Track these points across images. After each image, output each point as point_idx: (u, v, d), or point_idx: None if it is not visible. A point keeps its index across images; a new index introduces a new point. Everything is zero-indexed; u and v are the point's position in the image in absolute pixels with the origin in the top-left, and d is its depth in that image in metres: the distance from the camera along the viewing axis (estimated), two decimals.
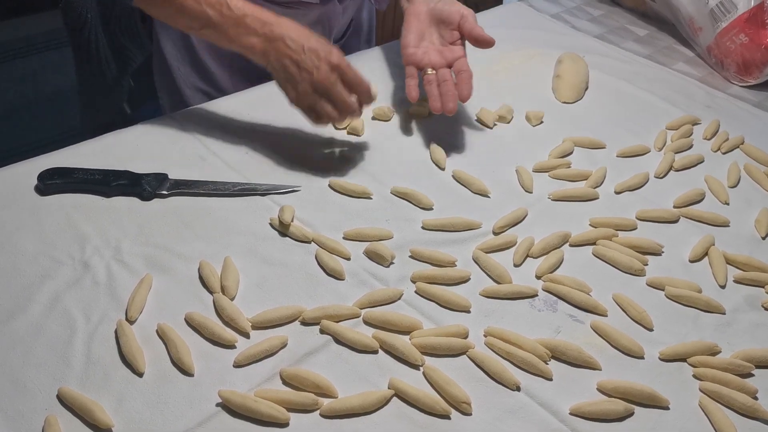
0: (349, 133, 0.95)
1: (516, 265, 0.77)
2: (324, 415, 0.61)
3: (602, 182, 0.91)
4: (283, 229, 0.78)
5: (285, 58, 0.83)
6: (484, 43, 0.94)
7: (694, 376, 0.67)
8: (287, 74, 0.84)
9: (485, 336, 0.69)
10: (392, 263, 0.76)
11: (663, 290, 0.76)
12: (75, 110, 1.73)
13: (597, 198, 0.88)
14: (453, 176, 0.90)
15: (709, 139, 1.02)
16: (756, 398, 0.66)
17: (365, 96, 0.86)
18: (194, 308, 0.69)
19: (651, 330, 0.72)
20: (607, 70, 1.16)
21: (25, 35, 1.79)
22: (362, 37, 1.23)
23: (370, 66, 1.09)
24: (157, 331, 0.66)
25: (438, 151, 0.92)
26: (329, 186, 0.86)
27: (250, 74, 1.07)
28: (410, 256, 0.77)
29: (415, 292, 0.73)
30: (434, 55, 0.95)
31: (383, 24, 2.05)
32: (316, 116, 0.85)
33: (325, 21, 1.10)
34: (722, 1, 1.17)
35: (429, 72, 0.93)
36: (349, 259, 0.76)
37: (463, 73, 0.93)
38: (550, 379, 0.66)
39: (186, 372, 0.63)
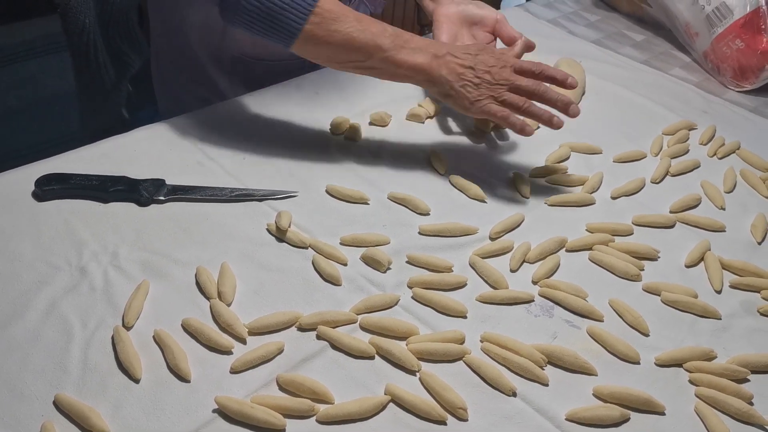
0: (347, 138, 0.95)
1: (512, 271, 0.78)
2: (320, 421, 0.61)
3: (599, 187, 0.91)
4: (280, 234, 0.79)
5: (458, 66, 0.84)
6: (528, 47, 0.95)
7: (690, 382, 0.68)
8: (463, 81, 0.84)
9: (482, 341, 0.69)
10: (389, 269, 0.76)
11: (659, 295, 0.76)
12: (73, 115, 1.73)
13: (593, 203, 0.89)
14: (450, 182, 0.90)
15: (705, 145, 1.02)
16: (751, 404, 0.66)
17: (562, 83, 0.86)
18: (191, 314, 0.69)
19: (647, 335, 0.72)
20: (603, 76, 1.16)
21: (24, 40, 1.80)
22: None
23: None
24: (153, 337, 0.66)
25: (438, 156, 0.93)
26: (326, 191, 0.86)
27: (249, 80, 1.07)
28: (407, 262, 0.77)
29: (412, 297, 0.73)
30: None
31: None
32: (496, 111, 0.84)
33: None
34: (718, 7, 1.17)
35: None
36: (345, 264, 0.76)
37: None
38: (547, 385, 0.66)
39: (182, 378, 0.63)
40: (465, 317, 0.72)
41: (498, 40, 1.02)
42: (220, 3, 0.84)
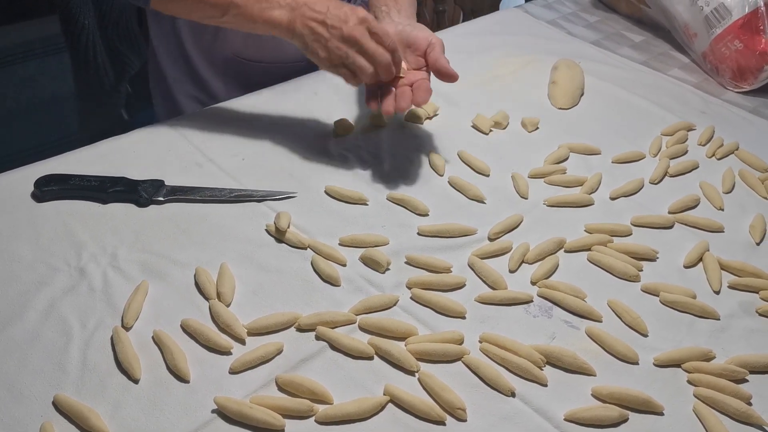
0: (338, 135, 0.95)
1: (511, 271, 0.78)
2: (319, 422, 0.61)
3: (597, 188, 0.91)
4: (279, 235, 0.79)
5: (311, 21, 0.83)
6: (447, 76, 0.89)
7: (689, 382, 0.68)
8: (315, 35, 0.83)
9: (480, 342, 0.69)
10: (388, 269, 0.76)
11: (658, 296, 0.76)
12: (73, 116, 1.74)
13: (592, 204, 0.89)
14: (449, 182, 0.90)
15: (704, 145, 1.02)
16: (750, 404, 0.66)
17: (394, 50, 0.84)
18: (190, 315, 0.69)
19: (646, 336, 0.72)
20: (602, 77, 1.16)
21: (23, 41, 1.80)
22: None
23: None
24: (153, 338, 0.67)
25: (437, 157, 0.93)
26: (325, 192, 0.86)
27: (244, 81, 1.07)
28: (406, 263, 0.77)
29: (411, 298, 0.73)
30: None
31: None
32: (350, 74, 0.84)
33: None
34: (717, 8, 1.17)
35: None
36: (344, 265, 0.76)
37: (420, 83, 0.88)
38: (545, 385, 0.66)
39: (182, 378, 0.63)
40: (464, 318, 0.72)
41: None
42: None
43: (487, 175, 0.92)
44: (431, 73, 0.90)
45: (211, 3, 0.84)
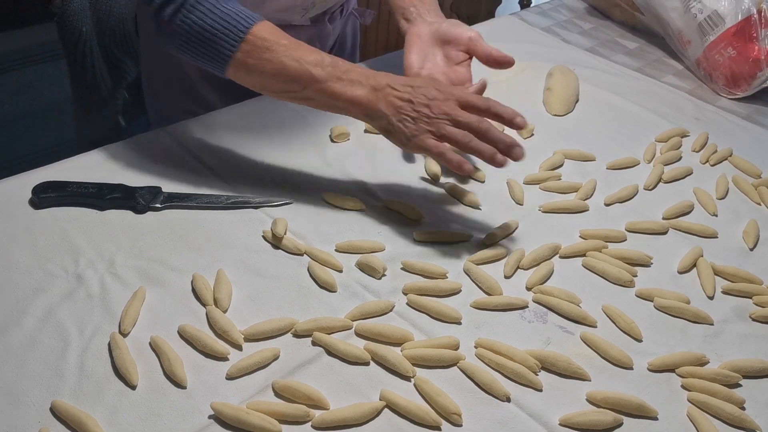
0: (335, 140, 0.96)
1: (506, 277, 0.78)
2: (316, 427, 0.62)
3: (592, 194, 0.92)
4: (275, 241, 0.79)
5: (396, 100, 0.78)
6: (504, 63, 0.91)
7: (683, 387, 0.68)
8: (400, 115, 0.78)
9: (476, 347, 0.70)
10: (384, 275, 0.77)
11: (652, 301, 0.77)
12: (70, 122, 1.74)
13: (587, 210, 0.89)
14: (445, 189, 0.90)
15: (697, 152, 1.03)
16: (743, 408, 0.66)
17: (509, 122, 0.79)
18: (187, 321, 0.69)
19: (640, 341, 0.72)
20: (597, 83, 1.17)
21: (20, 47, 1.80)
22: (346, 52, 1.24)
23: None
24: (150, 344, 0.67)
25: (433, 164, 0.93)
26: (322, 199, 0.86)
27: (239, 95, 1.07)
28: (402, 268, 0.78)
29: (407, 304, 0.74)
30: (439, 77, 0.93)
31: (366, 38, 2.06)
32: (432, 146, 0.77)
33: (315, 41, 1.10)
34: (710, 15, 1.18)
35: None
36: (341, 271, 0.77)
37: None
38: (540, 390, 0.66)
39: (179, 384, 0.64)
40: (459, 323, 0.72)
41: (474, 58, 0.97)
42: (156, 26, 0.82)
43: (483, 182, 0.92)
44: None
45: (291, 77, 0.79)
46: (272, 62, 0.79)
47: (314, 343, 0.69)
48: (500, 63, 0.93)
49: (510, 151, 0.78)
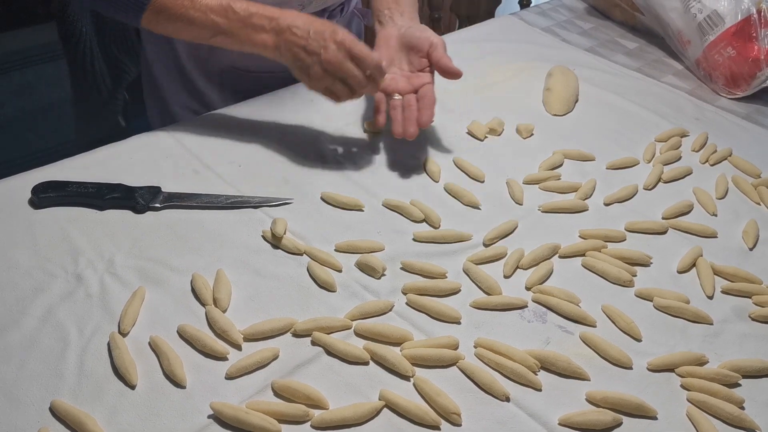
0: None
1: (506, 277, 0.78)
2: (315, 427, 0.62)
3: (592, 194, 0.92)
4: (275, 241, 0.79)
5: (294, 46, 0.85)
6: (450, 74, 0.93)
7: (682, 387, 0.68)
8: (299, 61, 0.85)
9: (475, 347, 0.70)
10: (383, 275, 0.77)
11: (651, 301, 0.77)
12: (70, 122, 1.74)
13: (586, 210, 0.89)
14: (444, 188, 0.90)
15: (697, 151, 1.03)
16: (743, 408, 0.66)
17: (376, 70, 0.86)
18: (187, 320, 0.69)
19: (639, 341, 0.72)
20: (596, 83, 1.17)
21: (20, 48, 1.80)
22: None
23: None
24: (149, 344, 0.67)
25: (432, 163, 0.93)
26: (321, 198, 0.86)
27: (240, 91, 1.08)
28: (401, 268, 0.78)
29: (406, 303, 0.74)
30: (401, 82, 0.94)
31: (368, 39, 2.06)
32: (334, 96, 0.87)
33: None
34: (710, 15, 1.18)
35: (395, 98, 0.93)
36: (340, 271, 0.77)
37: (426, 99, 0.92)
38: (540, 390, 0.66)
39: (178, 384, 0.64)
40: (459, 323, 0.72)
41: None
42: None
43: (482, 182, 0.92)
44: (435, 74, 0.92)
45: (199, 25, 0.86)
46: (181, 14, 0.85)
47: (314, 343, 0.69)
48: (448, 73, 0.93)
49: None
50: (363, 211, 0.86)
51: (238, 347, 0.67)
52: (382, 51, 0.97)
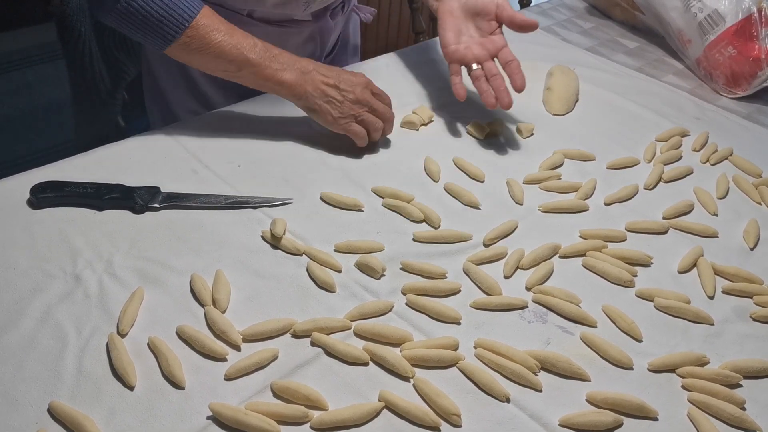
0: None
1: (506, 277, 0.78)
2: (314, 428, 0.61)
3: (592, 194, 0.92)
4: (274, 241, 0.79)
5: (322, 84, 0.89)
6: (528, 26, 0.96)
7: (683, 387, 0.68)
8: (327, 97, 0.89)
9: (475, 348, 0.69)
10: (383, 275, 0.77)
11: (652, 301, 0.77)
12: (69, 123, 1.74)
13: (587, 210, 0.89)
14: (444, 188, 0.90)
15: (698, 151, 1.03)
16: (744, 409, 0.66)
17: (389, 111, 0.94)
18: (185, 321, 0.69)
19: (640, 341, 0.72)
20: (597, 83, 1.17)
21: (20, 48, 1.80)
22: (349, 51, 1.24)
23: None
24: (148, 345, 0.67)
25: (432, 163, 0.93)
26: (321, 199, 0.86)
27: (241, 90, 1.07)
28: (401, 269, 0.78)
29: (406, 304, 0.74)
30: (477, 49, 0.96)
31: (366, 38, 2.06)
32: (358, 131, 0.91)
33: (317, 37, 1.11)
34: (710, 14, 1.18)
35: (475, 68, 0.95)
36: (340, 271, 0.76)
37: (512, 63, 0.95)
38: (540, 391, 0.66)
39: (177, 385, 0.63)
40: (459, 323, 0.72)
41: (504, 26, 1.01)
42: (93, 3, 0.86)
43: (482, 181, 0.92)
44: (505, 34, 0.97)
45: (228, 59, 0.87)
46: (212, 46, 0.86)
47: (313, 344, 0.68)
48: (522, 27, 0.96)
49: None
50: (362, 211, 0.85)
51: (237, 348, 0.67)
52: (448, 23, 0.98)
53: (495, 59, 0.98)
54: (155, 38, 0.85)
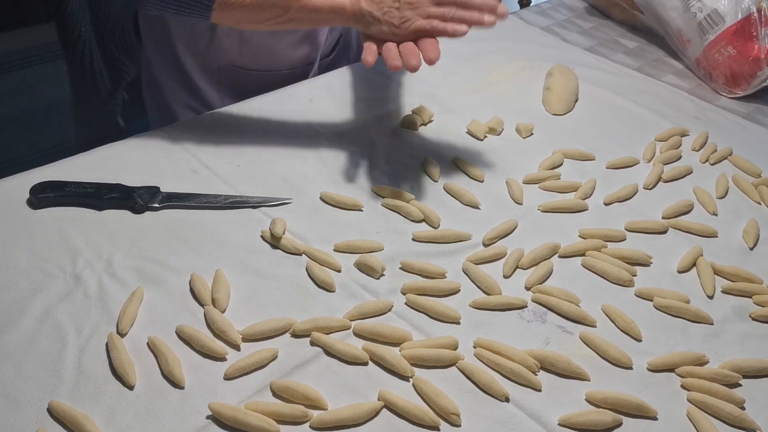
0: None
1: (506, 277, 0.78)
2: (314, 427, 0.61)
3: (591, 194, 0.92)
4: (274, 241, 0.79)
5: None
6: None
7: (682, 387, 0.68)
8: (384, 8, 0.82)
9: (475, 347, 0.69)
10: (383, 275, 0.77)
11: (651, 301, 0.77)
12: (69, 123, 1.74)
13: (586, 209, 0.89)
14: (444, 188, 0.90)
15: (697, 151, 1.03)
16: (743, 408, 0.66)
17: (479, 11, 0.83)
18: (185, 321, 0.69)
19: (639, 341, 0.72)
20: (596, 83, 1.17)
21: (20, 48, 1.80)
22: (351, 55, 1.24)
23: (360, 78, 1.10)
24: (148, 344, 0.67)
25: (432, 163, 0.93)
26: (320, 198, 0.86)
27: (239, 89, 1.08)
28: (401, 268, 0.78)
29: (405, 303, 0.74)
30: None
31: None
32: (430, 25, 0.82)
33: (311, 38, 1.11)
34: (710, 14, 1.18)
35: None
36: (339, 271, 0.76)
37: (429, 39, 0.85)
38: (539, 390, 0.66)
39: (176, 385, 0.63)
40: (458, 323, 0.72)
41: None
42: None
43: (482, 181, 0.92)
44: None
45: (271, 3, 0.83)
46: None
47: (312, 344, 0.68)
48: None
49: (495, 11, 0.83)
50: (362, 211, 0.85)
51: (237, 347, 0.67)
52: None
53: None
54: (197, 9, 0.84)
